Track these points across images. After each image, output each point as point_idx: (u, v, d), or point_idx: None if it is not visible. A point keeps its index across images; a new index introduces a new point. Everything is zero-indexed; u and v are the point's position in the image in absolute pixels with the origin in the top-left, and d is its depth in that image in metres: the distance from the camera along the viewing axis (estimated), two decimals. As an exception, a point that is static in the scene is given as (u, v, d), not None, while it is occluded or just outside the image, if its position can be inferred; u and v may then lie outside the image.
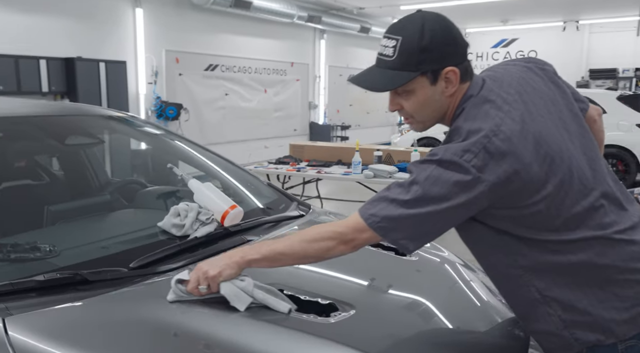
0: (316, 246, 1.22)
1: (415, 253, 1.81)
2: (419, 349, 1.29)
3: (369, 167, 4.81)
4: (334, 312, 1.30)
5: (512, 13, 11.59)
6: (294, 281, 1.47)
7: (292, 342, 1.19)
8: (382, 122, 13.92)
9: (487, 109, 1.18)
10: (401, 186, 1.18)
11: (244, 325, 1.24)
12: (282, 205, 2.25)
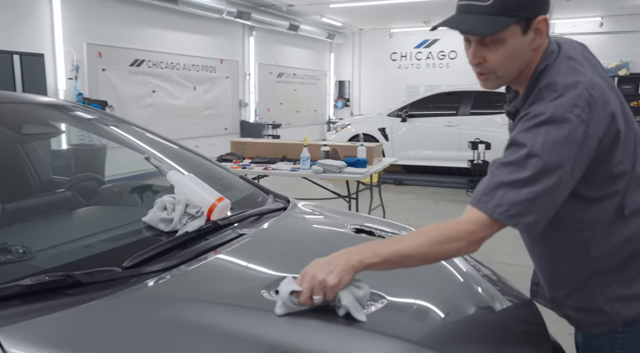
0: (446, 247, 1.12)
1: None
2: (461, 333, 1.25)
3: (317, 162, 4.76)
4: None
5: (434, 14, 12.05)
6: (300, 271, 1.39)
7: (344, 337, 1.11)
8: (312, 120, 13.97)
9: (574, 65, 1.16)
10: (512, 164, 1.09)
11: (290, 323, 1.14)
12: (259, 198, 2.15)
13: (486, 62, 1.16)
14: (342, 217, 2.07)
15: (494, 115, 8.08)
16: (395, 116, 8.58)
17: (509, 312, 1.47)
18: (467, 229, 1.11)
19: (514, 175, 1.08)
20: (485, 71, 1.18)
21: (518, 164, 1.09)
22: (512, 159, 1.10)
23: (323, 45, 14.37)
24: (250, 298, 1.22)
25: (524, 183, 1.07)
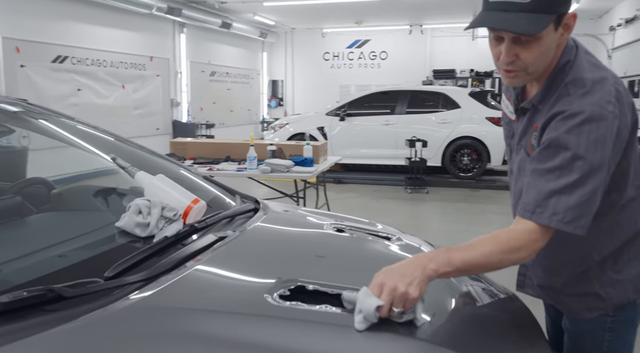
0: (512, 257, 1.11)
1: (385, 232, 1.77)
2: (463, 329, 1.24)
3: (265, 162, 4.68)
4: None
5: (365, 14, 12.27)
6: (301, 273, 1.33)
7: (357, 340, 1.06)
8: (246, 120, 13.76)
9: (594, 60, 1.20)
10: (558, 169, 1.09)
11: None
12: (227, 199, 2.06)
13: (518, 60, 1.15)
14: (316, 216, 2.02)
15: (429, 113, 8.36)
16: (333, 115, 8.63)
17: (497, 305, 1.49)
18: (530, 238, 1.11)
19: (562, 180, 1.09)
20: (516, 68, 1.17)
21: (564, 168, 1.09)
22: (556, 164, 1.10)
23: (256, 44, 14.20)
24: (254, 304, 1.15)
25: (574, 187, 1.08)
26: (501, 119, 1.48)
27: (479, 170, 8.08)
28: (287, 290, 1.20)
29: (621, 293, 1.29)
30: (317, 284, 1.25)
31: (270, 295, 1.17)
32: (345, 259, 1.51)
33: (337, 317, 1.11)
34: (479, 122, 8.00)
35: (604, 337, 1.32)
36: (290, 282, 1.25)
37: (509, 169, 1.44)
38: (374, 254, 1.59)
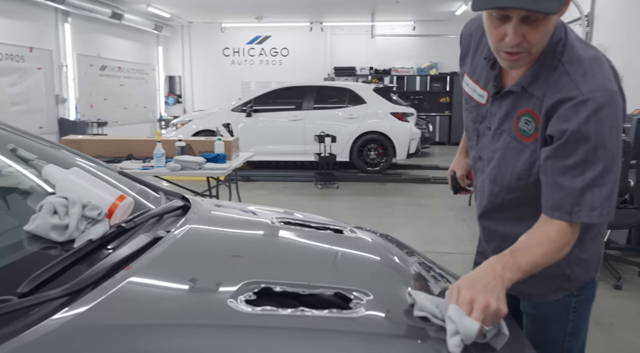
0: (562, 254, 1.11)
1: (342, 228, 1.65)
2: None
3: (174, 159, 4.35)
4: (351, 302, 1.05)
5: (265, 10, 12.10)
6: (261, 274, 1.15)
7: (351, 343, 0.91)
8: (142, 118, 12.96)
9: (579, 38, 1.17)
10: (582, 163, 1.06)
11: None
12: (151, 196, 1.81)
13: (524, 41, 1.07)
14: (256, 210, 1.84)
15: (336, 109, 8.41)
16: (239, 111, 8.37)
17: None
18: (573, 234, 1.11)
19: (588, 173, 1.07)
20: (521, 50, 1.09)
21: (589, 161, 1.06)
22: (580, 159, 1.07)
23: (150, 37, 13.40)
24: (220, 313, 0.96)
25: (602, 178, 1.07)
26: (465, 102, 1.38)
27: (385, 164, 8.28)
28: (252, 294, 1.03)
29: (585, 272, 1.29)
30: (284, 285, 1.09)
31: (234, 300, 0.99)
32: (305, 255, 1.36)
33: (319, 321, 0.96)
34: (384, 117, 8.20)
35: (568, 317, 1.31)
36: (253, 284, 1.07)
37: (474, 155, 1.36)
38: (334, 249, 1.45)
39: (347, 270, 1.30)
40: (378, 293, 1.11)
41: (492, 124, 1.26)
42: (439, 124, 13.12)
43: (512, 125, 1.21)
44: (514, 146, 1.21)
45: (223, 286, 1.07)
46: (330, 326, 0.95)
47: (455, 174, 1.63)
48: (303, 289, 1.07)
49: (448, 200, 6.62)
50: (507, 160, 1.23)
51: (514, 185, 1.24)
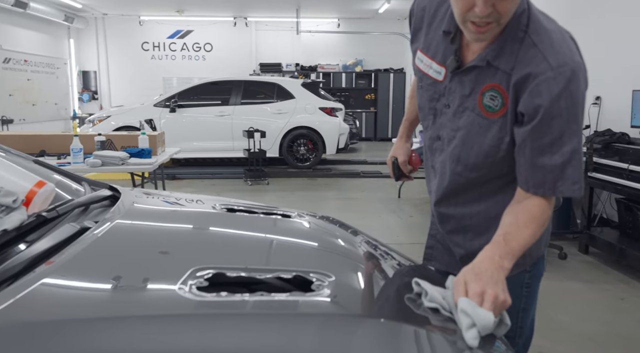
0: (543, 230, 1.12)
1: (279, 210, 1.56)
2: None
3: (93, 154, 4.03)
4: (313, 284, 0.97)
5: (186, 3, 11.68)
6: (218, 260, 1.04)
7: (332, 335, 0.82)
8: (53, 115, 12.06)
9: (540, 10, 1.16)
10: (558, 139, 1.07)
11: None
12: (73, 186, 1.64)
13: (494, 11, 1.03)
14: (193, 199, 1.70)
15: (264, 104, 8.26)
16: (162, 106, 7.99)
17: (414, 273, 1.38)
18: (550, 208, 1.13)
19: (565, 148, 1.08)
20: (491, 20, 1.04)
21: (564, 136, 1.07)
22: (556, 134, 1.07)
23: (60, 29, 12.50)
24: (168, 301, 0.84)
25: (578, 151, 1.09)
26: (418, 80, 1.31)
27: (315, 160, 8.26)
28: (203, 281, 0.92)
29: (537, 247, 1.29)
30: (237, 270, 0.98)
31: (184, 287, 0.87)
32: (255, 241, 1.25)
33: (282, 305, 0.86)
34: (313, 112, 8.17)
35: (522, 293, 1.31)
36: (203, 270, 0.95)
37: (432, 135, 1.30)
38: (285, 232, 1.35)
39: (302, 253, 1.21)
40: (338, 273, 1.03)
41: (452, 102, 1.21)
42: (365, 120, 13.34)
43: (476, 102, 1.16)
44: (479, 123, 1.16)
45: (169, 274, 0.95)
46: (294, 309, 0.85)
47: (396, 160, 1.57)
48: (259, 274, 0.97)
49: (378, 193, 6.71)
50: (472, 138, 1.19)
51: (480, 163, 1.20)
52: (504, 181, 1.23)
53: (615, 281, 3.58)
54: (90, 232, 1.14)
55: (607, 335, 2.77)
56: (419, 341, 0.86)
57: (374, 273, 1.16)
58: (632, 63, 4.25)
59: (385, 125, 13.41)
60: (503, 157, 1.16)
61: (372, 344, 0.80)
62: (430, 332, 0.89)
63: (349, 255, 1.26)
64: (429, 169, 1.37)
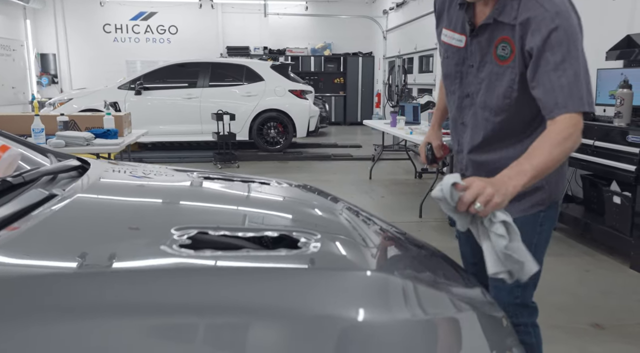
0: (568, 145, 1.21)
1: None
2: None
3: (56, 135, 3.88)
4: (300, 242, 0.94)
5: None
6: (201, 220, 1.00)
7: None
8: (10, 100, 11.57)
9: None
10: (561, 64, 1.21)
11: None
12: (37, 158, 1.56)
13: None
14: (168, 168, 1.64)
15: (233, 87, 8.13)
16: (127, 89, 7.76)
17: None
18: (572, 123, 1.22)
19: (570, 70, 1.22)
20: None
21: (566, 60, 1.22)
22: (559, 59, 1.23)
23: (16, 9, 11.95)
24: (152, 256, 0.79)
25: (580, 74, 1.23)
26: (444, 52, 1.54)
27: (285, 143, 8.20)
28: (186, 239, 0.88)
29: (555, 188, 1.47)
30: (221, 229, 0.94)
31: (167, 247, 0.83)
32: (237, 202, 1.21)
33: (270, 261, 0.83)
34: (283, 95, 8.09)
35: (535, 229, 1.48)
36: (186, 229, 0.91)
37: (460, 95, 1.51)
38: (266, 196, 1.32)
39: (286, 214, 1.18)
40: (324, 232, 1.01)
41: (474, 61, 1.43)
42: (334, 104, 13.31)
43: (492, 55, 1.38)
44: (496, 71, 1.38)
45: (149, 235, 0.90)
46: (283, 265, 0.83)
47: (431, 146, 1.76)
48: (243, 232, 0.94)
49: (349, 176, 6.73)
50: (492, 85, 1.40)
51: (501, 105, 1.40)
52: (528, 128, 1.41)
53: (581, 254, 3.69)
54: (60, 197, 1.08)
55: (576, 305, 2.86)
56: (407, 293, 0.85)
57: (359, 232, 1.14)
58: (596, 43, 4.35)
59: (355, 109, 13.42)
60: (517, 98, 1.36)
61: (362, 296, 0.79)
62: (417, 284, 0.88)
63: (334, 215, 1.24)
64: (459, 127, 1.57)
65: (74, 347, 0.59)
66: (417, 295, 0.86)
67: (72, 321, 0.64)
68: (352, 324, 0.73)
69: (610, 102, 3.94)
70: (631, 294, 3.03)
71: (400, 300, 0.83)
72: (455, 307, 0.89)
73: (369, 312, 0.77)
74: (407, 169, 7.03)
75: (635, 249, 3.41)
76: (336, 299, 0.76)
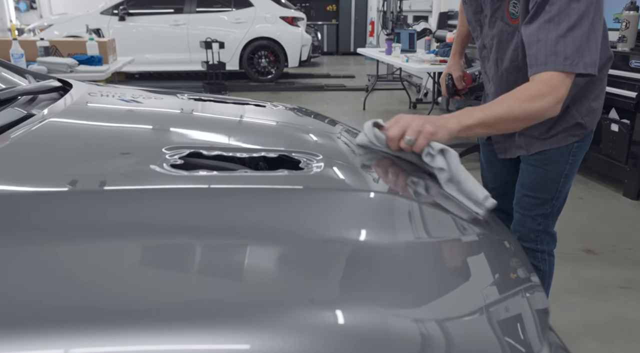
0: (536, 105, 1.07)
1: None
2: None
3: (37, 61, 3.70)
4: (302, 163, 0.88)
5: None
6: (193, 142, 0.93)
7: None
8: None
9: None
10: (557, 16, 1.09)
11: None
12: (14, 77, 1.47)
13: None
14: (158, 90, 1.55)
15: (222, 13, 7.76)
16: (110, 14, 7.39)
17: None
18: (550, 85, 1.09)
19: (563, 24, 1.09)
20: None
21: (562, 13, 1.09)
22: (555, 11, 1.09)
23: None
24: (140, 176, 0.73)
25: (574, 28, 1.08)
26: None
27: (277, 73, 7.97)
28: (178, 159, 0.81)
29: (592, 121, 1.41)
30: (216, 149, 0.88)
31: (157, 166, 0.77)
32: (232, 124, 1.14)
33: (271, 181, 0.78)
34: (274, 22, 7.76)
35: (568, 160, 1.44)
36: (177, 149, 0.85)
37: (479, 45, 1.45)
38: (262, 117, 1.24)
39: (286, 135, 1.11)
40: (326, 153, 0.95)
41: (487, 12, 1.33)
42: (326, 33, 12.87)
43: (504, 11, 1.27)
44: (506, 30, 1.29)
45: (138, 155, 0.83)
46: (284, 184, 0.77)
47: (451, 77, 1.68)
48: (240, 153, 0.88)
49: (342, 106, 6.60)
50: (502, 45, 1.33)
51: (510, 68, 1.33)
52: None
53: (575, 182, 3.68)
54: (39, 117, 1.00)
55: (569, 232, 2.89)
56: (414, 214, 0.80)
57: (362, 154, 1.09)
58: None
59: (348, 39, 13.01)
60: (523, 61, 1.23)
61: (370, 215, 0.74)
62: (423, 205, 0.84)
63: (333, 137, 1.17)
64: (484, 75, 1.51)
65: (60, 268, 0.54)
66: (422, 216, 0.82)
67: (58, 242, 0.58)
68: (359, 245, 0.69)
69: (615, 26, 3.80)
70: (623, 220, 3.06)
71: (404, 221, 0.79)
72: (457, 228, 0.85)
73: (375, 233, 0.73)
74: (402, 99, 6.90)
75: (629, 177, 3.41)
76: (343, 220, 0.71)
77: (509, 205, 1.64)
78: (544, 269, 1.63)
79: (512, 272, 0.92)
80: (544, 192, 1.49)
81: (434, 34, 6.24)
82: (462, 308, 0.60)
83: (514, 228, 1.62)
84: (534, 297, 0.76)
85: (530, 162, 1.48)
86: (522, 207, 1.56)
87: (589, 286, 2.34)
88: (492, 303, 0.64)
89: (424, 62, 4.77)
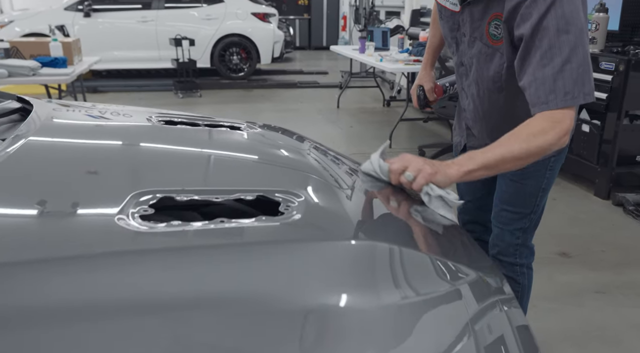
0: (539, 141, 1.07)
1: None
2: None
3: (-4, 64, 3.53)
4: (282, 206, 0.83)
5: None
6: (162, 182, 0.87)
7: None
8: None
9: None
10: (548, 51, 1.07)
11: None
12: None
13: None
14: (122, 111, 1.47)
15: (191, 9, 7.59)
16: (75, 10, 7.14)
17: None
18: (553, 120, 1.09)
19: (556, 59, 1.07)
20: None
21: (554, 47, 1.07)
22: (545, 46, 1.08)
23: None
24: (107, 233, 0.67)
25: (570, 61, 1.07)
26: (439, 13, 1.43)
27: (249, 70, 7.85)
28: (148, 208, 0.75)
29: (570, 136, 1.40)
30: (188, 192, 0.82)
31: (125, 217, 0.71)
32: (204, 158, 1.07)
33: (249, 233, 0.73)
34: (245, 18, 7.62)
35: (545, 174, 1.45)
36: (146, 195, 0.79)
37: (457, 61, 1.43)
38: (238, 147, 1.18)
39: (264, 170, 1.06)
40: (307, 192, 0.90)
41: (466, 31, 1.31)
42: (298, 27, 12.76)
43: (484, 31, 1.25)
44: (485, 51, 1.27)
45: (102, 201, 0.77)
46: (264, 237, 0.72)
47: (423, 89, 1.67)
48: (215, 196, 0.82)
49: (316, 104, 6.55)
50: (482, 66, 1.31)
51: (492, 88, 1.32)
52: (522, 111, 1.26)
53: (548, 183, 3.75)
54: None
55: (543, 234, 2.91)
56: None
57: (341, 189, 1.04)
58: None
59: (320, 33, 12.92)
60: (507, 84, 1.26)
61: (364, 269, 0.70)
62: (408, 253, 0.80)
63: (312, 170, 1.12)
64: (462, 92, 1.50)
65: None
66: (402, 265, 0.76)
67: None
68: (342, 311, 0.64)
69: (585, 27, 3.84)
70: (596, 221, 3.11)
71: (386, 274, 0.75)
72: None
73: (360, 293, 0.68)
74: (375, 97, 6.88)
75: (600, 177, 3.47)
76: (333, 275, 0.67)
77: (486, 218, 1.65)
78: (522, 283, 1.65)
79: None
80: (522, 206, 1.51)
81: (407, 32, 6.23)
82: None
83: (492, 243, 1.62)
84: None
85: (508, 177, 1.49)
86: (500, 221, 1.57)
87: (564, 291, 2.37)
88: None
89: (397, 61, 4.76)
